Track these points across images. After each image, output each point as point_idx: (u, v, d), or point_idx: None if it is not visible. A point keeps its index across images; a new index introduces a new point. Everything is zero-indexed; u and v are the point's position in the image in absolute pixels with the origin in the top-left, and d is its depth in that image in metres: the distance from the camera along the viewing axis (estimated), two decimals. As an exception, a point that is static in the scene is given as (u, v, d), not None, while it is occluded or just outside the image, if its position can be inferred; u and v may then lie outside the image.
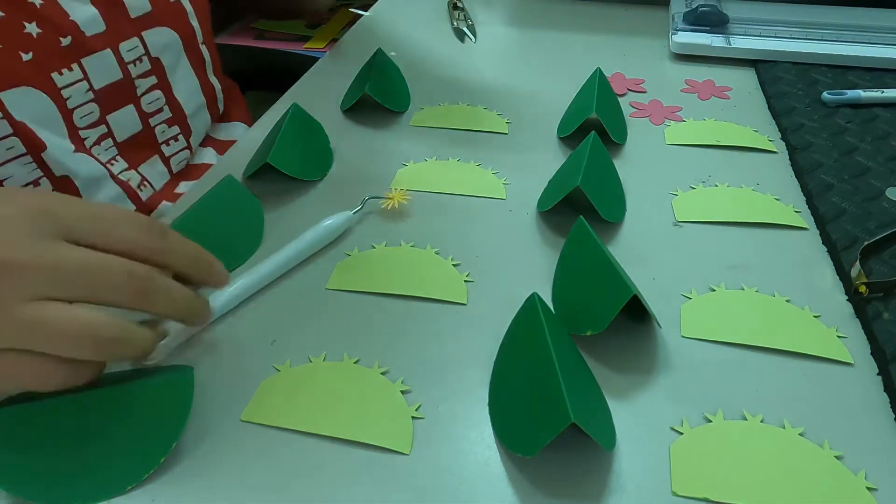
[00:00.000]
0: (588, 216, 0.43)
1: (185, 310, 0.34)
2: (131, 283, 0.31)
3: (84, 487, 0.30)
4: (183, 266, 0.34)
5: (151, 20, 0.56)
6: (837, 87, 0.64)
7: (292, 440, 0.33)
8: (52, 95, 0.49)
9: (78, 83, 0.50)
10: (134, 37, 0.54)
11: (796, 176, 0.53)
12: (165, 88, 0.58)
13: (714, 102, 0.64)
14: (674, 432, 0.34)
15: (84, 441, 0.31)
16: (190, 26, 0.60)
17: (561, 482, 0.31)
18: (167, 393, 0.33)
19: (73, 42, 0.49)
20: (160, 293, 0.32)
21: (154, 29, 0.56)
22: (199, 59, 0.62)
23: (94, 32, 0.51)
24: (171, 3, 0.58)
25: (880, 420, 0.34)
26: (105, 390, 0.32)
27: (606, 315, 0.36)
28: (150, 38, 0.56)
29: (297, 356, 0.38)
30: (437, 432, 0.34)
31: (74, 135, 0.51)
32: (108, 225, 0.32)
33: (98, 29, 0.51)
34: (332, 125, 0.60)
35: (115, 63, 0.53)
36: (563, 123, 0.60)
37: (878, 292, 0.40)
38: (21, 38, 0.47)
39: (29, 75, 0.47)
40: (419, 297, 0.41)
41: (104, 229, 0.31)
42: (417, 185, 0.52)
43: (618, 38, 0.79)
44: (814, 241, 0.47)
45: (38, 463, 0.30)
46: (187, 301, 0.34)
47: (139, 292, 0.31)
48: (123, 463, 0.31)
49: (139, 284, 0.31)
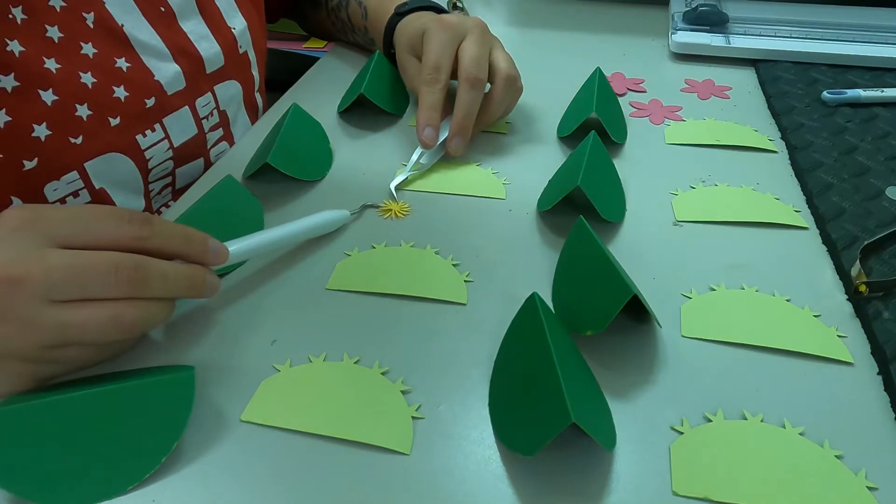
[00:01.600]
0: (588, 216, 0.43)
1: (186, 287, 0.35)
2: (119, 275, 0.32)
3: (84, 487, 0.30)
4: (174, 248, 0.35)
5: (223, 74, 0.57)
6: (837, 87, 0.64)
7: (292, 440, 0.33)
8: (135, 159, 0.49)
9: (160, 143, 0.51)
10: (208, 92, 0.55)
11: (796, 175, 0.53)
12: (228, 139, 0.59)
13: (714, 102, 0.64)
14: (674, 432, 0.34)
15: (85, 441, 0.31)
16: (251, 76, 0.61)
17: (561, 482, 0.31)
18: (168, 392, 0.33)
19: (157, 102, 0.50)
20: (153, 278, 0.33)
21: (224, 83, 0.57)
22: (254, 107, 0.63)
23: (175, 90, 0.51)
24: (240, 55, 0.58)
25: (880, 420, 0.34)
26: (105, 390, 0.32)
27: (606, 315, 0.36)
28: (220, 91, 0.57)
29: (297, 356, 0.38)
30: (437, 432, 0.34)
31: (147, 192, 0.52)
32: (89, 223, 0.32)
33: (179, 87, 0.52)
34: (331, 125, 0.60)
35: (191, 119, 0.53)
36: (562, 123, 0.60)
37: (878, 292, 0.40)
38: (111, 103, 0.47)
39: (115, 140, 0.47)
40: (419, 297, 0.41)
41: (85, 227, 0.32)
42: (417, 185, 0.52)
43: (618, 38, 0.79)
44: (814, 240, 0.47)
45: (38, 463, 0.30)
46: (186, 278, 0.35)
47: (130, 282, 0.32)
48: (124, 463, 0.31)
49: (128, 274, 0.32)
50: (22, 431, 0.30)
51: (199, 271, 0.36)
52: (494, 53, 0.56)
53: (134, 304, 0.33)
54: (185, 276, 0.35)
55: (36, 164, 0.43)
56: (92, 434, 0.31)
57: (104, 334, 0.32)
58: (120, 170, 0.48)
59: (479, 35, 0.55)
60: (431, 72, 0.54)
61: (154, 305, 0.34)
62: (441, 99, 0.54)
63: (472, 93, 0.53)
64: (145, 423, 0.32)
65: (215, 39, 0.55)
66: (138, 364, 0.37)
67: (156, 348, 0.38)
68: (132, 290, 0.32)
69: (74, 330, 0.31)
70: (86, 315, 0.31)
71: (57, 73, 0.43)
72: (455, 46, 0.54)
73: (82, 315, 0.31)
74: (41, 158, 0.43)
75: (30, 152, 0.43)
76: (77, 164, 0.45)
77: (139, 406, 0.32)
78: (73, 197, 0.46)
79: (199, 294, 0.36)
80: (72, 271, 0.31)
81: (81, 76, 0.45)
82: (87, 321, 0.31)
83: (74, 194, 0.46)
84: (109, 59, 0.47)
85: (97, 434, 0.31)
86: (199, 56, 0.53)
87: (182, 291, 0.35)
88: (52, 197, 0.45)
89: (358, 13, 0.70)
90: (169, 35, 0.51)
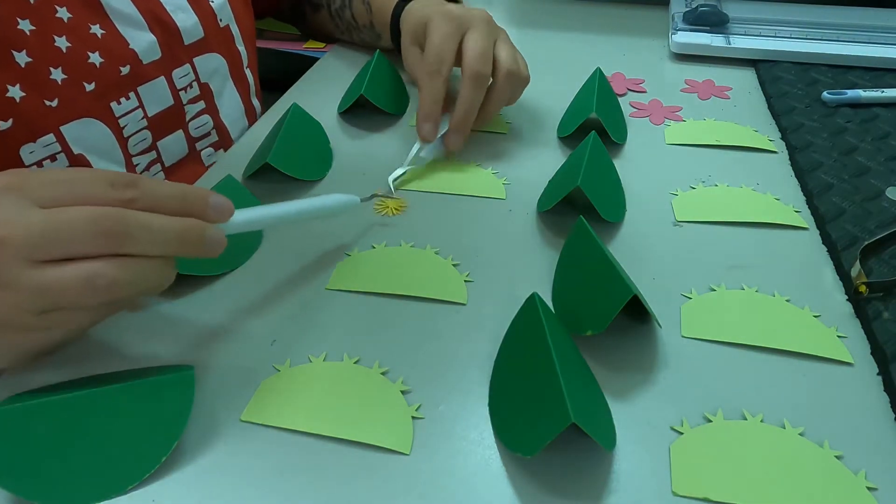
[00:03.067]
0: (588, 216, 0.43)
1: (177, 241, 0.32)
2: (98, 227, 0.29)
3: (84, 487, 0.30)
4: (169, 208, 0.32)
5: (203, 46, 0.56)
6: (837, 87, 0.64)
7: (292, 440, 0.33)
8: (110, 125, 0.49)
9: (134, 111, 0.50)
10: (186, 63, 0.55)
11: (796, 176, 0.53)
12: (213, 113, 0.59)
13: (714, 102, 0.64)
14: (674, 432, 0.34)
15: (85, 441, 0.31)
16: (237, 51, 0.61)
17: (561, 482, 0.31)
18: (168, 392, 0.33)
19: (132, 70, 0.50)
20: (138, 230, 0.30)
21: (205, 55, 0.57)
22: (244, 83, 0.63)
23: (151, 60, 0.51)
24: (221, 28, 0.58)
25: (880, 420, 0.34)
26: (105, 390, 0.32)
27: (606, 315, 0.36)
28: (200, 63, 0.56)
29: (297, 356, 0.38)
30: (437, 432, 0.34)
31: (129, 163, 0.51)
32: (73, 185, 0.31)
33: (154, 56, 0.51)
34: (332, 125, 0.60)
35: (167, 90, 0.53)
36: (563, 123, 0.60)
37: (878, 292, 0.40)
38: (86, 69, 0.47)
39: (90, 106, 0.47)
40: (419, 297, 0.41)
41: (69, 190, 0.30)
42: (418, 185, 0.52)
43: (618, 38, 0.79)
44: (814, 241, 0.47)
45: (38, 462, 0.30)
46: (176, 232, 0.32)
47: (110, 235, 0.30)
48: (124, 462, 0.31)
49: (107, 226, 0.30)
50: (22, 431, 0.30)
51: (193, 224, 0.33)
52: (498, 46, 0.55)
53: (115, 263, 0.30)
54: (176, 230, 0.32)
55: (11, 125, 0.43)
56: (92, 434, 0.31)
57: (82, 297, 0.30)
58: (96, 136, 0.48)
59: (484, 28, 0.54)
60: (433, 64, 0.53)
61: (142, 265, 0.31)
62: (442, 92, 0.53)
63: (475, 89, 0.52)
64: (145, 422, 0.32)
65: (193, 10, 0.55)
66: (138, 364, 0.37)
67: (156, 348, 0.38)
68: (113, 245, 0.30)
69: (54, 292, 0.29)
70: (63, 275, 0.29)
71: (31, 35, 0.44)
72: (458, 38, 0.54)
73: (60, 275, 0.29)
74: (16, 120, 0.43)
75: (4, 113, 0.43)
76: (53, 127, 0.45)
77: (139, 406, 0.32)
78: (50, 161, 0.46)
79: (196, 250, 0.33)
80: (50, 227, 0.29)
81: (56, 39, 0.45)
82: (65, 282, 0.29)
83: (52, 158, 0.46)
84: (84, 24, 0.47)
85: (97, 434, 0.31)
86: (176, 26, 0.53)
87: (173, 247, 0.32)
88: (29, 160, 0.45)
89: (362, 10, 0.70)
90: (144, 4, 0.51)
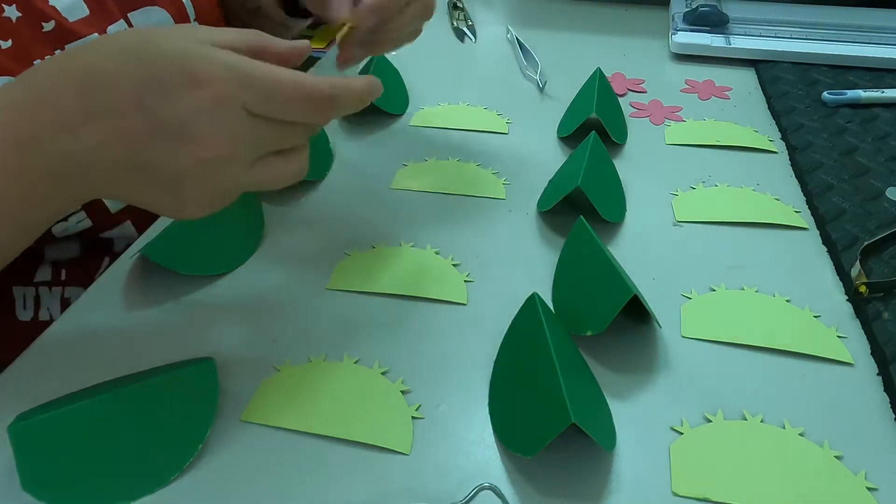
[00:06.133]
0: (588, 216, 0.43)
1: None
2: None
3: (127, 484, 0.30)
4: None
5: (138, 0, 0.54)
6: (837, 87, 0.64)
7: (292, 440, 0.33)
8: None
9: None
10: (120, 19, 0.52)
11: (796, 176, 0.53)
12: None
13: (714, 102, 0.64)
14: (674, 432, 0.34)
15: (122, 439, 0.31)
16: (181, 4, 0.58)
17: (561, 482, 0.31)
18: (195, 381, 0.33)
19: (56, 27, 0.47)
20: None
21: (141, 10, 0.54)
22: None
23: (78, 17, 0.49)
24: None
25: (880, 420, 0.34)
26: (132, 388, 0.32)
27: (606, 315, 0.36)
28: (136, 19, 0.53)
29: (297, 356, 0.38)
30: (437, 432, 0.34)
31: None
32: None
33: (81, 13, 0.49)
34: (332, 125, 0.60)
35: None
36: (563, 123, 0.60)
37: (878, 292, 0.40)
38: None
39: (9, 64, 0.45)
40: (419, 297, 0.41)
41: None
42: (417, 185, 0.52)
43: (618, 38, 0.79)
44: (814, 241, 0.47)
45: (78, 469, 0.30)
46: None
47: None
48: (163, 455, 0.31)
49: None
50: (54, 441, 0.30)
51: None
52: None
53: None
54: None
55: None
56: (129, 431, 0.31)
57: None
58: None
59: None
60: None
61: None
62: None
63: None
64: (176, 414, 0.32)
65: None
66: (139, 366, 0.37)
67: (156, 349, 0.38)
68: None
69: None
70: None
71: None
72: None
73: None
74: None
75: None
76: None
77: (171, 397, 0.33)
78: None
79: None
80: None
81: None
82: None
83: None
84: None
85: (131, 432, 0.31)
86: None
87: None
88: None
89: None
90: None
